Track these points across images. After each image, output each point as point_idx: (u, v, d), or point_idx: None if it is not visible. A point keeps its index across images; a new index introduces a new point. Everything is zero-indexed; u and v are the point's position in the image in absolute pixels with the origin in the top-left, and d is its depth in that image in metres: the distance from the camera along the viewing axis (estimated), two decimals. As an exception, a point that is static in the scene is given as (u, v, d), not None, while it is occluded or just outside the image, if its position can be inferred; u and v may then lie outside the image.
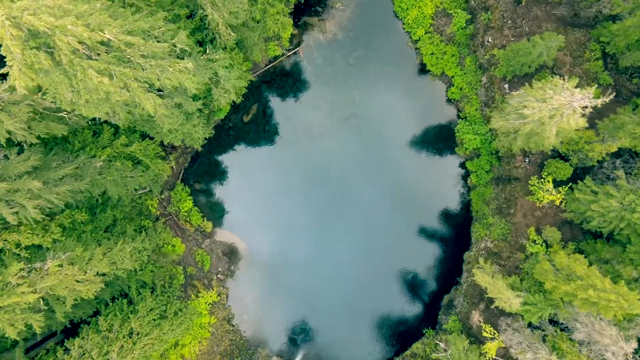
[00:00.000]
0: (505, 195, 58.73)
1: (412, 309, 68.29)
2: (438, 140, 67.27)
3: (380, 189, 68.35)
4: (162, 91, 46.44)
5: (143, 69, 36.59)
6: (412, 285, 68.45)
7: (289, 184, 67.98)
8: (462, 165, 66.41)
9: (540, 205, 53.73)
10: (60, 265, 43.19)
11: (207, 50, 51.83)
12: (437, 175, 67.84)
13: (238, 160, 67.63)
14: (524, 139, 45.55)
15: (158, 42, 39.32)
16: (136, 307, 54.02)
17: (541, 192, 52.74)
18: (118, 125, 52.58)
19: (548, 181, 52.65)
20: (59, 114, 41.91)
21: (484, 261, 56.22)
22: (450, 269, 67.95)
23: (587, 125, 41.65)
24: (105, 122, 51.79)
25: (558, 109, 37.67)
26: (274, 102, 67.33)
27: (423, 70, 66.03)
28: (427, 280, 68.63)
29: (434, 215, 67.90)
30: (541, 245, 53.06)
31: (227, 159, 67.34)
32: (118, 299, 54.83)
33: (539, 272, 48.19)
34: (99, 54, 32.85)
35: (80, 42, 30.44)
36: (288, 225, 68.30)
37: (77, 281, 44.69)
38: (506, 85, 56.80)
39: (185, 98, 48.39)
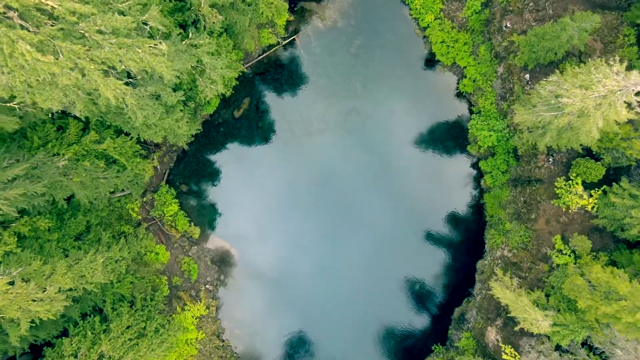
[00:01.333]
0: (525, 198, 51.43)
1: (419, 322, 60.94)
2: (448, 137, 59.97)
3: (384, 190, 61.05)
4: (134, 78, 39.22)
5: (100, 47, 29.38)
6: (420, 296, 61.17)
7: (285, 185, 60.72)
8: (475, 165, 59.11)
9: (571, 211, 46.35)
10: (11, 283, 35.99)
11: (190, 35, 44.60)
12: (447, 176, 60.53)
13: (229, 159, 60.35)
14: (555, 135, 38.27)
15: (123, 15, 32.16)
16: (110, 325, 46.78)
17: (569, 195, 45.42)
18: (89, 120, 45.41)
19: (577, 183, 45.34)
20: (9, 104, 34.73)
21: (502, 273, 48.86)
22: (462, 279, 60.64)
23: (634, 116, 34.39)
24: (75, 116, 44.62)
25: (606, 96, 30.48)
26: (268, 95, 60.06)
27: (432, 60, 58.71)
28: (436, 291, 61.32)
29: (444, 220, 60.57)
30: (569, 255, 45.75)
31: (216, 159, 60.05)
32: (90, 316, 47.52)
33: (569, 288, 40.89)
34: (38, 26, 25.69)
35: (6, 7, 23.28)
36: (284, 231, 61.05)
37: (34, 300, 37.52)
38: (527, 76, 49.45)
39: (163, 88, 41.11)
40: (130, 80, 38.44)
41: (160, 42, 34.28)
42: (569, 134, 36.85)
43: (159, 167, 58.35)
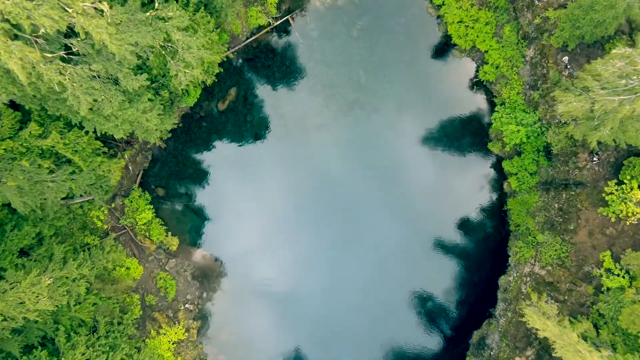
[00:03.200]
0: (560, 205, 42.04)
1: (432, 345, 51.32)
2: (465, 133, 50.51)
3: (391, 194, 51.56)
4: (76, 54, 29.89)
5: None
6: (433, 316, 51.67)
7: (278, 189, 51.25)
8: (497, 165, 49.58)
9: (627, 222, 36.96)
10: None
11: (157, 5, 35.28)
12: (464, 178, 51.03)
13: (213, 159, 50.85)
14: (616, 127, 28.98)
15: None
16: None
17: (622, 203, 36.05)
18: (31, 110, 36.03)
19: (632, 188, 35.96)
20: None
21: (536, 295, 39.43)
22: (480, 297, 51.15)
23: None
24: (11, 104, 35.25)
25: None
26: (258, 85, 50.57)
27: (447, 44, 49.13)
28: (451, 310, 51.76)
29: (459, 229, 51.03)
30: (622, 277, 36.42)
31: (198, 158, 50.59)
32: (36, 349, 38.12)
33: (628, 320, 31.55)
34: None
35: None
36: (276, 242, 51.58)
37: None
38: (565, 58, 40.04)
39: (117, 68, 31.77)
40: (70, 54, 29.16)
41: (100, 1, 24.97)
42: (637, 125, 27.58)
43: (130, 167, 48.94)
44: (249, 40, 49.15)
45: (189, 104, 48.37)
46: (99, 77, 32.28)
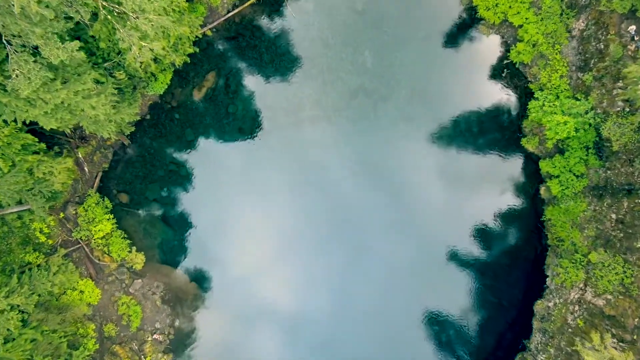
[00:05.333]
0: (620, 216, 32.33)
1: (450, 383, 41.91)
2: (492, 127, 40.68)
3: (402, 200, 41.80)
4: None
5: None
6: (451, 345, 41.97)
7: (265, 194, 41.35)
8: (532, 165, 39.94)
9: None
10: None
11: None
12: (490, 181, 41.17)
13: (188, 158, 40.93)
14: None
15: None
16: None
17: None
18: None
19: None
20: None
21: (598, 335, 29.70)
22: (511, 325, 41.34)
23: None
24: None
25: None
26: (242, 69, 40.76)
27: (472, 18, 39.09)
28: (473, 337, 41.93)
29: (483, 243, 41.08)
30: None
31: (170, 157, 40.76)
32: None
33: None
34: None
35: None
36: (263, 258, 41.80)
37: None
38: (632, 28, 30.33)
39: (29, 28, 22.14)
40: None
41: None
42: None
43: (86, 169, 39.18)
44: (231, 14, 39.32)
45: (158, 92, 38.61)
46: (7, 42, 22.68)
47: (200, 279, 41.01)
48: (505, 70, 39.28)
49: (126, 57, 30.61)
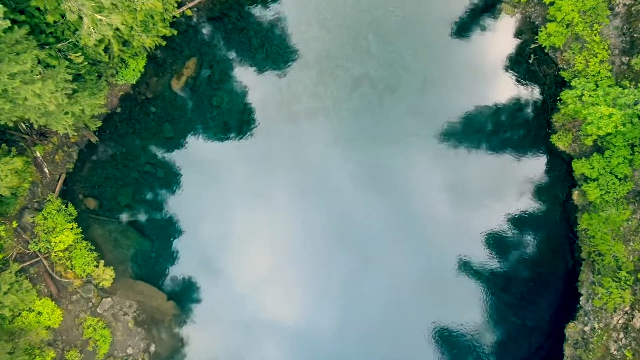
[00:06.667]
0: (677, 227, 26.80)
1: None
2: (515, 122, 34.72)
3: (411, 204, 36.08)
4: None
5: None
6: (467, 373, 36.32)
7: (255, 197, 35.59)
8: (563, 166, 34.23)
9: None
10: None
11: None
12: (512, 184, 35.25)
13: (166, 158, 35.17)
14: None
15: None
16: None
17: None
18: None
19: None
20: None
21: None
22: (537, 350, 35.23)
23: None
24: None
25: None
26: (228, 56, 34.79)
27: (493, -5, 33.99)
28: (493, 364, 36.37)
29: (504, 255, 35.35)
30: None
31: (145, 157, 35.01)
32: None
33: None
34: None
35: None
36: (254, 270, 35.92)
37: None
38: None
39: None
40: None
41: None
42: None
43: (47, 170, 33.31)
44: (214, -9, 33.75)
45: (130, 81, 32.89)
46: None
47: (180, 297, 35.10)
48: (532, 56, 33.45)
49: (81, 35, 24.89)
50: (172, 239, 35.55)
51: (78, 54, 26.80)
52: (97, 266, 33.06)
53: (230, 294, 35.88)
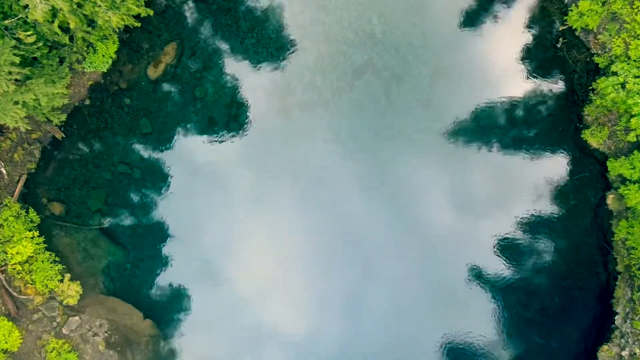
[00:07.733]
0: None
1: None
2: (539, 116, 30.18)
3: (421, 209, 31.69)
4: None
5: None
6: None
7: (244, 200, 31.17)
8: (595, 166, 29.80)
9: None
10: None
11: None
12: (535, 185, 30.82)
13: (142, 156, 30.89)
14: None
15: None
16: None
17: None
18: None
19: None
20: None
21: None
22: (564, 375, 31.33)
23: None
24: None
25: None
26: (212, 41, 30.26)
27: (516, -30, 29.61)
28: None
29: (525, 267, 30.84)
30: None
31: (119, 155, 30.51)
32: None
33: None
34: None
35: None
36: (244, 282, 31.61)
37: None
38: None
39: None
40: None
41: None
42: None
43: (4, 170, 28.98)
44: (197, -35, 29.37)
45: (100, 68, 28.41)
46: None
47: (159, 315, 30.59)
48: (561, 40, 29.00)
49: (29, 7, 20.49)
50: (150, 248, 30.99)
51: (29, 33, 22.41)
52: (61, 280, 28.59)
53: (217, 309, 31.56)
